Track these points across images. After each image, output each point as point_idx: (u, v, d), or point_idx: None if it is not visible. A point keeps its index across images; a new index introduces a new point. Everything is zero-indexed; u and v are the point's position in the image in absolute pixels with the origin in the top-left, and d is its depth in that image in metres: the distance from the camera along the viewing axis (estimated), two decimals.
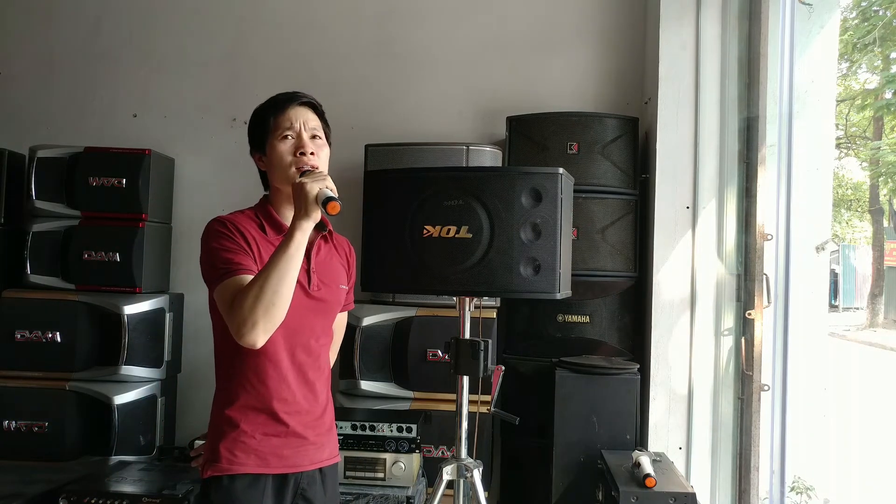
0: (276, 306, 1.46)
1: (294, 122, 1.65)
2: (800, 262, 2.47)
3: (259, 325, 1.45)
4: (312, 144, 1.65)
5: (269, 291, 1.46)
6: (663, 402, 2.71)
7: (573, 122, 2.78)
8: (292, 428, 1.61)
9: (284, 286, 1.47)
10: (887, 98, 10.38)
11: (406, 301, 2.79)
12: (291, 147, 1.64)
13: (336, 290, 1.72)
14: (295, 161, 1.62)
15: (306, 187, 1.50)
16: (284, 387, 1.61)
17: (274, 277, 1.46)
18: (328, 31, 3.34)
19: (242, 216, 1.66)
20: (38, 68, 3.48)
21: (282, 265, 1.47)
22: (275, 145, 1.64)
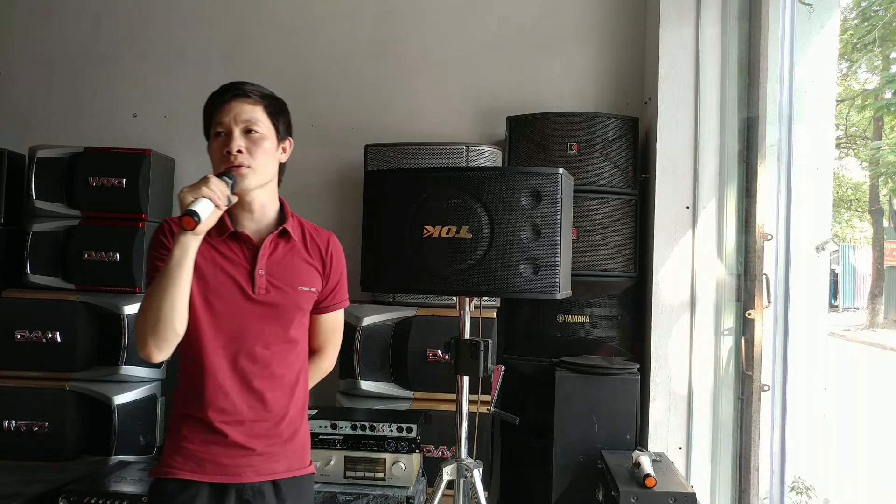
0: (161, 323, 1.42)
1: (225, 117, 1.56)
2: (800, 262, 2.47)
3: (149, 342, 1.44)
4: (245, 140, 1.55)
5: (154, 309, 1.42)
6: (663, 402, 2.71)
7: (573, 122, 2.78)
8: (232, 438, 1.54)
9: (166, 303, 1.42)
10: (887, 98, 10.38)
11: (406, 301, 2.79)
12: (221, 145, 1.56)
13: (293, 294, 1.61)
14: (224, 161, 1.54)
15: (182, 195, 1.42)
16: (221, 396, 1.54)
17: (156, 295, 1.42)
18: (328, 31, 3.34)
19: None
20: (38, 68, 3.47)
21: (162, 282, 1.43)
22: (210, 145, 1.59)
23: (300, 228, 1.70)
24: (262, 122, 1.57)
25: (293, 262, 1.63)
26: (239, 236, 1.60)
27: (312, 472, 1.68)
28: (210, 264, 1.55)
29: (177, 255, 1.42)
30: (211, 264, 1.56)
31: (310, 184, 3.29)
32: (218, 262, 1.57)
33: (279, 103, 1.63)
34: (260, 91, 1.61)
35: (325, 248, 1.71)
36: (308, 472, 1.66)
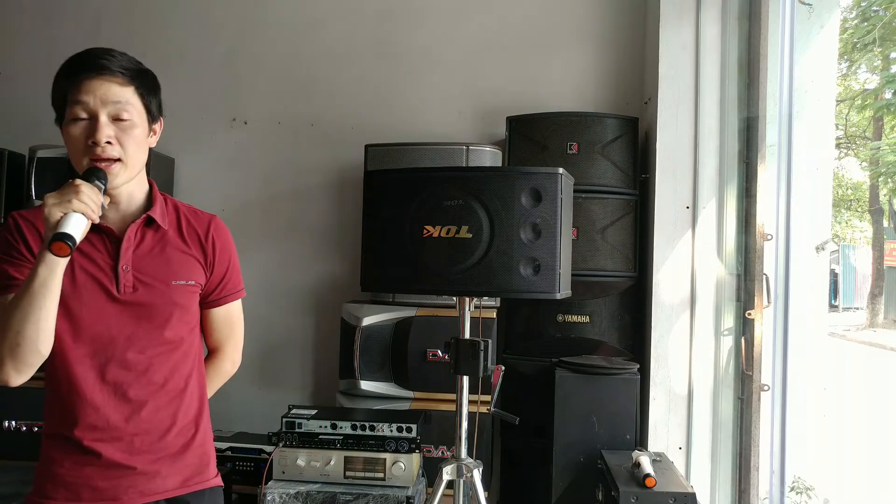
0: (22, 347, 1.24)
1: (87, 97, 1.32)
2: (800, 262, 2.47)
3: (7, 365, 1.26)
4: (113, 128, 1.34)
5: (12, 332, 1.24)
6: (663, 402, 2.71)
7: (573, 122, 2.78)
8: (108, 457, 1.36)
9: (29, 326, 1.24)
10: (887, 98, 10.38)
11: (406, 301, 2.79)
12: (83, 132, 1.33)
13: (165, 289, 1.41)
14: (87, 151, 1.34)
15: (46, 209, 1.21)
16: (91, 411, 1.35)
17: (17, 317, 1.24)
18: (328, 31, 3.34)
19: (33, 211, 1.40)
20: (38, 68, 3.47)
21: (23, 303, 1.23)
22: (66, 129, 1.35)
23: (175, 213, 1.50)
24: (134, 105, 1.36)
25: (164, 254, 1.43)
26: (100, 229, 1.39)
27: (218, 484, 1.50)
28: (69, 266, 1.34)
29: (42, 274, 1.22)
30: (69, 266, 1.34)
31: (310, 184, 3.29)
32: (76, 261, 1.37)
33: (151, 79, 1.44)
34: (130, 67, 1.38)
35: (204, 234, 1.51)
36: (212, 486, 1.48)
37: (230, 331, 1.60)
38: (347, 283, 3.23)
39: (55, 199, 1.22)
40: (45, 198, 1.23)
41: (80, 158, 1.34)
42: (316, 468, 2.42)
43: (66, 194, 1.23)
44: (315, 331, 3.27)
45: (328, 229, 3.26)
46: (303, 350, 3.30)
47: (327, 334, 3.20)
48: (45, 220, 1.21)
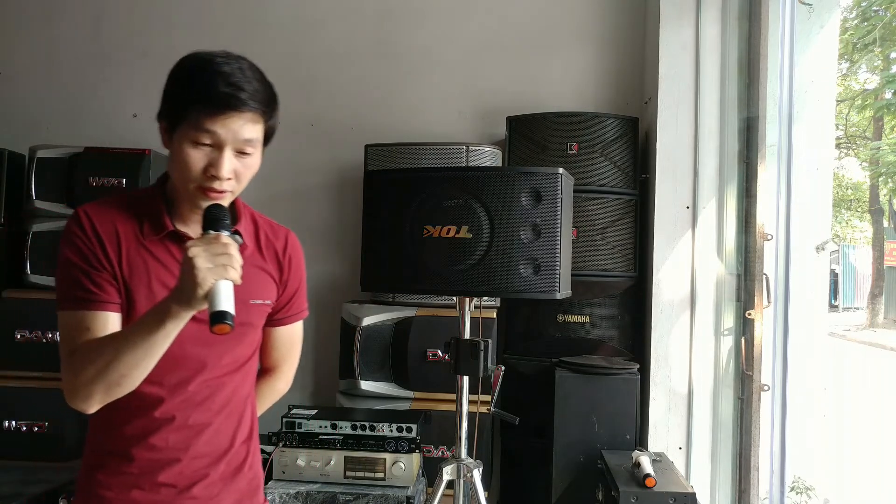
0: (121, 388, 1.17)
1: (220, 130, 1.21)
2: (800, 262, 2.47)
3: (95, 399, 1.18)
4: (236, 163, 1.24)
5: (115, 374, 1.15)
6: (663, 402, 2.71)
7: (573, 122, 2.78)
8: (162, 481, 1.28)
9: (138, 372, 1.16)
10: (887, 98, 10.39)
11: (406, 301, 2.79)
12: (203, 159, 1.22)
13: (241, 309, 1.23)
14: (201, 180, 1.23)
15: (197, 273, 1.08)
16: (153, 431, 1.28)
17: (125, 362, 1.14)
18: (328, 31, 3.34)
19: (117, 208, 1.28)
20: (38, 68, 3.47)
21: (139, 351, 1.14)
22: (183, 145, 1.23)
23: (253, 226, 1.41)
24: (259, 140, 1.28)
25: (245, 271, 1.26)
26: (180, 238, 1.27)
27: None
28: (145, 274, 1.25)
29: (169, 329, 1.13)
30: (146, 274, 1.25)
31: (310, 184, 3.29)
32: (154, 272, 1.26)
33: (276, 108, 1.33)
34: (265, 102, 1.27)
35: (282, 251, 1.42)
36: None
37: (290, 350, 1.54)
38: (347, 283, 3.22)
39: (208, 263, 1.09)
40: (194, 255, 1.09)
41: (189, 182, 1.24)
42: (316, 468, 2.42)
43: (218, 257, 1.10)
44: (315, 331, 3.27)
45: (328, 229, 3.26)
46: (303, 350, 3.29)
47: (327, 334, 3.19)
48: (195, 280, 1.08)
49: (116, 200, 1.30)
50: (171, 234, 1.28)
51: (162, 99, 1.30)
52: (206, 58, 1.25)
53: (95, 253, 1.23)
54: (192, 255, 1.10)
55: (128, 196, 1.32)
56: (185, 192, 1.26)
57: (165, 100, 1.29)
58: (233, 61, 1.25)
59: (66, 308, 1.22)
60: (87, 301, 1.21)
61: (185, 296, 1.10)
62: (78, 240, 1.23)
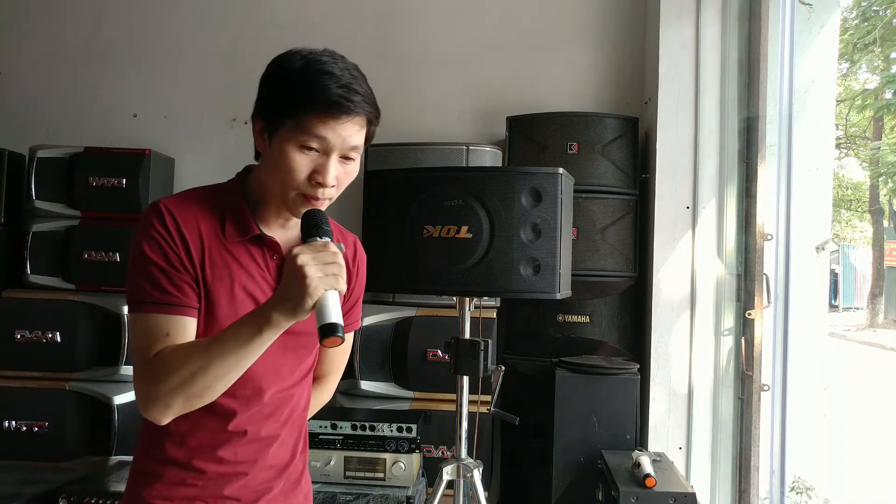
0: (203, 399, 1.10)
1: (331, 135, 1.14)
2: (800, 262, 2.47)
3: (173, 410, 1.10)
4: (340, 169, 1.17)
5: (200, 385, 1.08)
6: (663, 402, 2.71)
7: (573, 122, 2.78)
8: (228, 494, 1.22)
9: (224, 383, 1.10)
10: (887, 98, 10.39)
11: (406, 301, 2.79)
12: (309, 164, 1.15)
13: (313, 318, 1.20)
14: (304, 187, 1.15)
15: (309, 282, 1.02)
16: (223, 442, 1.21)
17: (214, 372, 1.07)
18: (328, 31, 3.34)
19: (199, 205, 1.20)
20: (38, 68, 3.47)
21: (229, 361, 1.07)
22: (287, 149, 1.14)
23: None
24: (362, 147, 1.21)
25: None
26: (265, 242, 1.23)
27: None
28: (227, 278, 1.18)
29: (267, 338, 1.07)
30: (228, 278, 1.18)
31: None
32: (236, 276, 1.19)
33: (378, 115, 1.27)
34: (374, 105, 1.23)
35: (352, 258, 1.37)
36: None
37: (341, 360, 1.49)
38: None
39: (318, 272, 1.03)
40: (304, 263, 1.03)
41: (290, 189, 1.16)
42: (316, 468, 2.42)
43: (328, 266, 1.04)
44: None
45: None
46: None
47: None
48: (305, 289, 1.02)
49: (195, 195, 1.21)
50: (256, 237, 1.21)
51: (261, 98, 1.20)
52: (313, 57, 1.18)
53: (178, 253, 1.14)
54: (302, 262, 1.03)
55: (205, 191, 1.23)
56: (282, 198, 1.18)
57: (266, 99, 1.19)
58: (339, 61, 1.21)
59: (144, 310, 1.13)
60: (168, 304, 1.13)
61: (290, 304, 1.03)
62: (159, 236, 1.14)
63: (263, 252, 1.22)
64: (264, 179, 1.21)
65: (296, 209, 1.18)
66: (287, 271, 1.04)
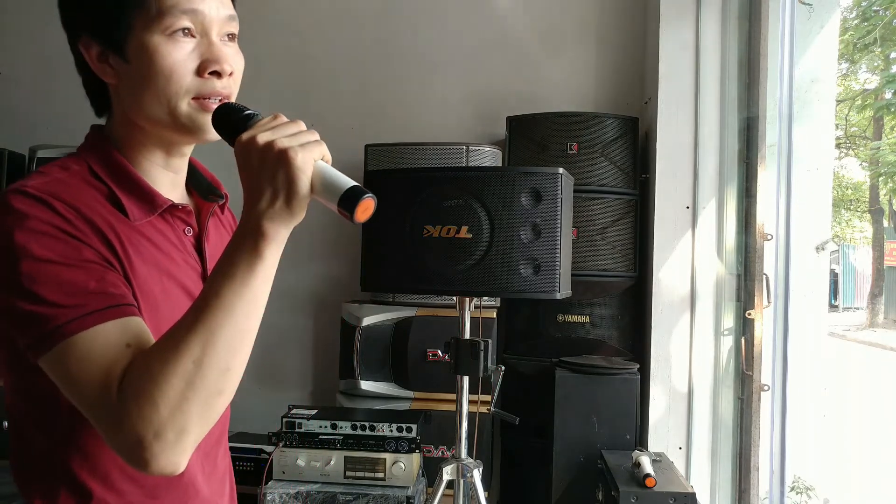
0: (225, 395, 0.79)
1: (205, 8, 0.88)
2: (800, 262, 2.47)
3: (191, 435, 0.76)
4: (230, 51, 0.93)
5: (216, 372, 0.76)
6: (663, 402, 2.71)
7: (573, 122, 2.78)
8: None
9: (242, 354, 0.79)
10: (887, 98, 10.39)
11: (406, 301, 2.79)
12: (193, 56, 0.88)
13: None
14: (197, 86, 0.89)
15: (293, 154, 0.75)
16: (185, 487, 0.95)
17: (225, 339, 0.76)
18: (328, 31, 3.34)
19: (70, 183, 0.87)
20: (38, 68, 3.47)
21: (238, 314, 0.77)
22: (152, 45, 0.86)
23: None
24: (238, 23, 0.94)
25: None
26: (175, 213, 0.96)
27: None
28: (154, 269, 0.90)
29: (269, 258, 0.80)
30: (155, 269, 0.90)
31: None
32: (161, 264, 0.91)
33: None
34: None
35: (232, 222, 1.12)
36: None
37: None
38: (347, 283, 3.22)
39: (294, 141, 0.76)
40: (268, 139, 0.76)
41: (178, 94, 0.88)
42: (316, 468, 2.42)
43: (299, 135, 0.78)
44: (315, 331, 3.27)
45: (328, 229, 3.26)
46: (303, 350, 3.30)
47: (327, 334, 3.19)
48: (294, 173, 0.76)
49: (64, 175, 0.88)
50: (167, 209, 0.94)
51: (76, 10, 0.93)
52: None
53: (94, 245, 0.82)
54: (267, 139, 0.76)
55: (64, 170, 0.89)
56: (171, 116, 0.89)
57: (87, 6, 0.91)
58: None
59: (78, 328, 0.77)
60: (115, 306, 0.80)
61: (283, 195, 0.76)
62: (54, 228, 0.80)
63: (173, 226, 0.95)
64: (134, 114, 0.91)
65: (194, 126, 0.90)
66: (252, 165, 0.77)
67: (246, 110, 0.85)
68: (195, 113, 0.90)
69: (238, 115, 0.85)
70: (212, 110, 0.88)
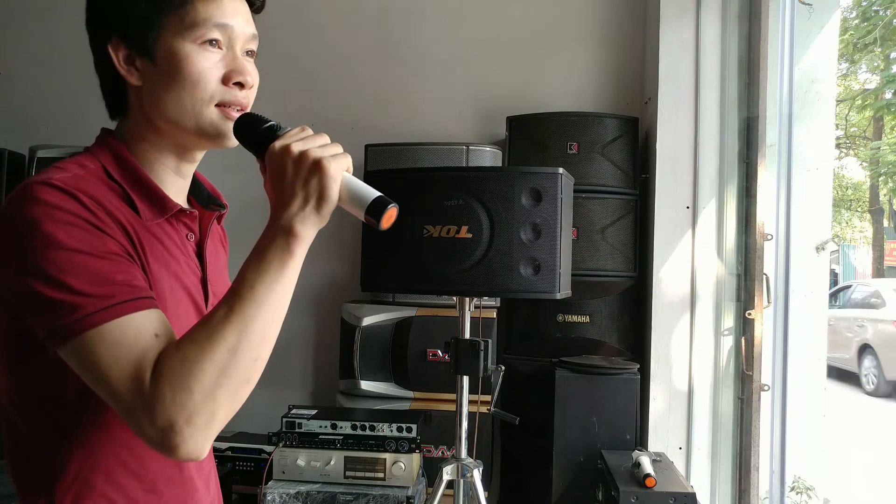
0: (251, 382, 0.84)
1: (235, 24, 0.93)
2: (800, 262, 2.47)
3: (219, 419, 0.79)
4: (250, 67, 0.96)
5: (248, 360, 0.81)
6: (663, 402, 2.71)
7: (573, 122, 2.78)
8: None
9: (269, 344, 0.85)
10: (887, 98, 10.40)
11: (406, 301, 2.79)
12: (219, 65, 0.92)
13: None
14: (223, 93, 0.93)
15: (326, 164, 0.82)
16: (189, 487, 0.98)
17: (258, 330, 0.82)
18: (328, 31, 3.34)
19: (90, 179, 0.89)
20: (38, 68, 3.47)
21: (270, 306, 0.83)
22: (184, 51, 0.90)
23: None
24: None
25: (220, 259, 1.09)
26: (184, 217, 1.00)
27: None
28: (165, 271, 0.93)
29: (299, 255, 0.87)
30: (166, 271, 0.93)
31: None
32: (169, 265, 0.94)
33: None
34: None
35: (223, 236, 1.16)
36: None
37: None
38: (347, 283, 3.22)
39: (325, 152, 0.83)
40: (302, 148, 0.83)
41: (205, 99, 0.91)
42: (316, 468, 2.42)
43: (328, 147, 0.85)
44: (315, 331, 3.27)
45: (328, 229, 3.25)
46: (303, 350, 3.30)
47: (327, 334, 3.19)
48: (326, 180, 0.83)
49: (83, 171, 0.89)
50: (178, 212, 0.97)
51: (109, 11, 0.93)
52: None
53: (118, 238, 0.85)
54: (298, 148, 0.83)
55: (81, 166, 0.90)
56: (195, 121, 0.93)
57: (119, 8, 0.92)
58: None
59: (108, 317, 0.78)
60: (142, 298, 0.82)
61: (314, 200, 0.84)
62: (81, 220, 0.82)
63: (178, 230, 0.98)
64: (156, 116, 0.94)
65: (216, 132, 0.94)
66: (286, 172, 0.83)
67: (269, 121, 0.90)
68: (218, 119, 0.94)
69: (263, 124, 0.90)
70: (233, 119, 0.94)
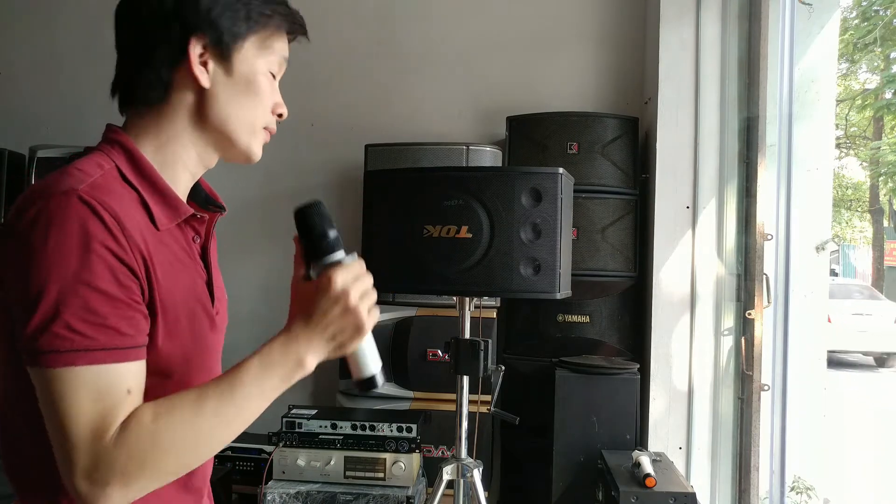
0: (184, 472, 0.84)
1: (284, 61, 1.00)
2: (800, 262, 2.47)
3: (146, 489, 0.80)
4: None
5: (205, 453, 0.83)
6: (663, 402, 2.71)
7: (573, 122, 2.78)
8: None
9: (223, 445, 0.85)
10: (887, 98, 10.40)
11: (406, 301, 2.79)
12: (272, 94, 0.98)
13: (225, 311, 1.07)
14: (269, 120, 0.98)
15: (363, 321, 0.86)
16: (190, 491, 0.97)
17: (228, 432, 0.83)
18: (328, 31, 3.34)
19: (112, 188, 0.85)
20: (38, 68, 3.47)
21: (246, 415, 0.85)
22: (262, 72, 0.95)
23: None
24: None
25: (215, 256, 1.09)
26: (193, 221, 0.98)
27: None
28: (174, 283, 0.90)
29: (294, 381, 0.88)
30: (172, 277, 0.90)
31: (310, 184, 3.29)
32: (178, 272, 0.93)
33: None
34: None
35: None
36: None
37: None
38: None
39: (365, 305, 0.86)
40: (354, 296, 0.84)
41: (258, 123, 0.96)
42: (316, 468, 2.42)
43: (369, 297, 0.88)
44: None
45: None
46: None
47: None
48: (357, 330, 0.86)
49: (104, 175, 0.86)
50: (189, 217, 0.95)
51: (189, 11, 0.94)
52: None
53: (132, 267, 0.81)
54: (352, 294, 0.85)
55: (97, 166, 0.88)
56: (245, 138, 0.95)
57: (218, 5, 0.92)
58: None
59: (90, 360, 0.77)
60: (127, 348, 0.80)
61: (335, 347, 0.87)
62: (105, 250, 0.79)
63: (185, 233, 0.96)
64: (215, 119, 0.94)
65: (252, 150, 0.97)
66: (326, 304, 0.84)
67: (332, 228, 0.88)
68: (257, 143, 0.98)
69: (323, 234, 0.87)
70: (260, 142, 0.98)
